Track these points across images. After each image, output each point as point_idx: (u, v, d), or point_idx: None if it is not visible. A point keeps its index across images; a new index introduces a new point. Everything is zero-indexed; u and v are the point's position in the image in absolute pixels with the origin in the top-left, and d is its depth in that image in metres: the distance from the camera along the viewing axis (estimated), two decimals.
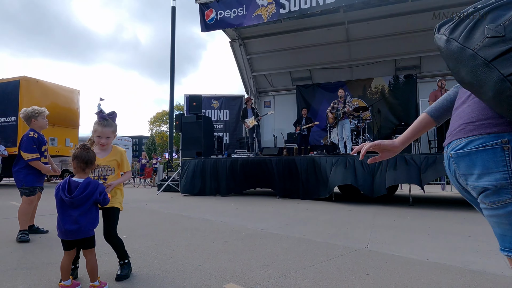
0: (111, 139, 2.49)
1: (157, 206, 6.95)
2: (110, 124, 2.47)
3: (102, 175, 2.45)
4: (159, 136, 56.05)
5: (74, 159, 2.11)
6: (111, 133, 2.46)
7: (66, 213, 2.05)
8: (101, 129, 2.41)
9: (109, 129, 2.44)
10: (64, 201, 2.04)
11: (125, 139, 20.32)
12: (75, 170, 2.13)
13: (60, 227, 2.06)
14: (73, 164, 2.13)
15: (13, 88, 12.64)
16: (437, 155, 6.85)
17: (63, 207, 2.06)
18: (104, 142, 2.44)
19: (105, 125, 2.43)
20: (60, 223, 2.06)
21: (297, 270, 2.59)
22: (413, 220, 5.15)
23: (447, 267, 2.69)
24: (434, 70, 11.84)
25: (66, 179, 2.10)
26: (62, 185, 2.06)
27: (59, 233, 2.09)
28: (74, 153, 2.12)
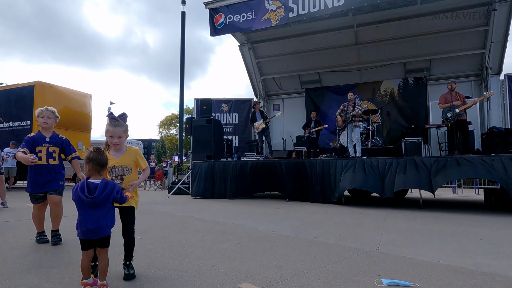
0: (123, 138, 2.55)
1: (169, 208, 7.06)
2: (121, 124, 2.54)
3: (119, 175, 2.53)
4: (169, 139, 56.52)
5: (89, 162, 2.18)
6: (122, 132, 2.52)
7: (88, 214, 2.12)
8: (112, 129, 2.48)
9: (120, 129, 2.51)
10: (84, 202, 2.11)
11: (135, 142, 20.58)
12: (90, 173, 2.19)
13: (81, 227, 2.13)
14: (87, 167, 2.19)
15: (28, 92, 12.97)
16: (447, 158, 6.83)
17: (83, 208, 2.13)
18: (116, 142, 2.50)
19: (116, 125, 2.50)
20: (81, 223, 2.13)
21: (309, 270, 2.65)
22: (424, 223, 5.15)
23: (458, 269, 2.71)
24: (444, 72, 11.80)
25: (83, 181, 2.16)
26: (80, 186, 2.13)
27: (80, 233, 2.15)
28: (88, 156, 2.19)
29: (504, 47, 10.57)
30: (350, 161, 7.69)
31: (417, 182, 6.84)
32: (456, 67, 11.55)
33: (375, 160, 7.45)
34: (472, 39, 10.91)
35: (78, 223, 2.15)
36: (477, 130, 10.53)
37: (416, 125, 11.23)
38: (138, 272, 2.59)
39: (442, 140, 9.93)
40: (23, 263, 2.80)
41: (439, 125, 9.53)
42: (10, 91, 13.63)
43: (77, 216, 2.15)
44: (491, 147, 8.64)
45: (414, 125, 11.30)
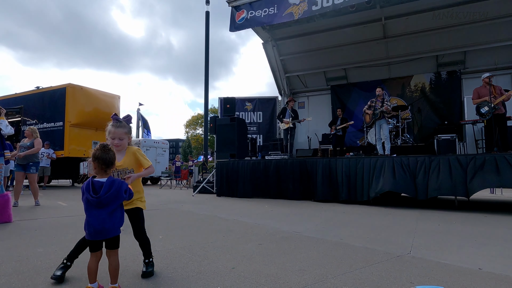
0: (124, 141, 2.50)
1: (192, 207, 7.05)
2: (124, 125, 2.50)
3: (122, 177, 2.42)
4: (195, 139, 57.39)
5: (95, 160, 2.10)
6: (124, 134, 2.48)
7: (93, 214, 2.04)
8: (114, 130, 2.45)
9: (122, 130, 2.47)
10: (90, 201, 2.03)
11: (162, 142, 20.94)
12: (96, 171, 2.11)
13: (89, 228, 2.05)
14: (94, 165, 2.11)
15: (60, 95, 13.48)
16: (485, 156, 6.35)
17: (90, 208, 2.05)
18: (117, 143, 2.45)
19: (117, 126, 2.46)
20: (89, 224, 2.05)
21: (334, 276, 2.47)
22: (460, 225, 4.80)
23: (503, 277, 2.44)
24: (480, 65, 11.12)
25: (88, 180, 2.08)
26: (85, 186, 2.06)
27: (87, 234, 2.07)
28: (94, 154, 2.10)
29: None
30: (379, 160, 7.36)
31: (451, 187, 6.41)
32: (493, 59, 10.84)
33: (405, 158, 7.08)
34: (510, 28, 10.17)
35: (85, 223, 2.08)
36: None
37: (450, 122, 10.65)
38: (157, 272, 2.52)
39: (478, 137, 9.34)
40: (45, 261, 2.81)
41: (475, 121, 8.96)
42: (43, 94, 14.22)
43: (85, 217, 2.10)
44: None
45: (448, 121, 10.71)
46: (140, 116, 28.27)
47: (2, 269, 2.58)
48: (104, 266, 2.21)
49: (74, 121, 13.20)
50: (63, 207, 6.88)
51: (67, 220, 5.11)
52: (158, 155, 19.58)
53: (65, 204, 7.42)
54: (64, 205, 7.14)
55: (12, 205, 5.08)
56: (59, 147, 13.13)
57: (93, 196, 2.02)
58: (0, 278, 2.36)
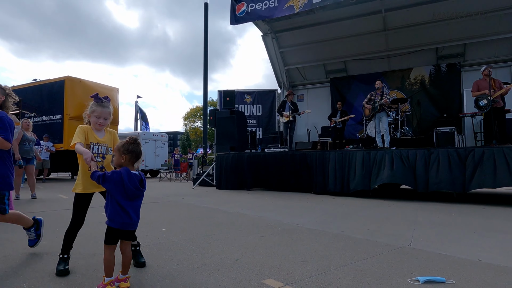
0: (108, 121, 2.52)
1: (193, 200, 7.09)
2: (108, 105, 2.52)
3: (102, 153, 2.48)
4: (193, 131, 57.30)
5: (128, 153, 2.11)
6: (108, 114, 2.51)
7: (132, 205, 2.09)
8: (101, 110, 2.46)
9: (107, 110, 2.49)
10: (132, 194, 2.06)
11: (161, 134, 20.91)
12: (126, 163, 2.11)
13: (124, 218, 2.05)
14: (124, 158, 2.11)
15: (58, 87, 13.42)
16: (484, 149, 6.39)
17: (127, 199, 2.06)
18: (102, 122, 2.47)
19: (104, 106, 2.48)
20: (126, 214, 2.05)
21: (337, 267, 2.52)
22: (458, 217, 4.86)
23: (501, 268, 2.49)
24: (480, 57, 11.10)
25: (126, 170, 2.07)
26: (127, 176, 2.04)
27: (119, 223, 2.05)
28: (128, 148, 2.11)
29: None
30: (379, 152, 7.39)
31: (451, 181, 6.46)
32: (493, 52, 10.83)
33: (405, 151, 7.12)
34: (510, 20, 10.14)
35: (116, 214, 2.05)
36: None
37: (449, 114, 10.67)
38: (162, 264, 2.56)
39: (477, 129, 9.37)
40: (52, 253, 2.84)
41: (474, 114, 8.98)
42: (42, 86, 14.15)
43: (111, 206, 2.07)
44: None
45: (447, 114, 10.74)
46: (138, 108, 28.20)
47: (8, 261, 2.62)
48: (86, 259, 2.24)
49: (73, 114, 13.15)
50: (64, 200, 6.90)
51: (69, 212, 5.13)
52: (157, 148, 19.58)
53: (66, 197, 7.45)
54: (65, 198, 7.16)
55: (13, 198, 5.11)
56: (58, 140, 13.11)
57: (140, 189, 2.09)
58: (7, 270, 2.39)
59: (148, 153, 18.65)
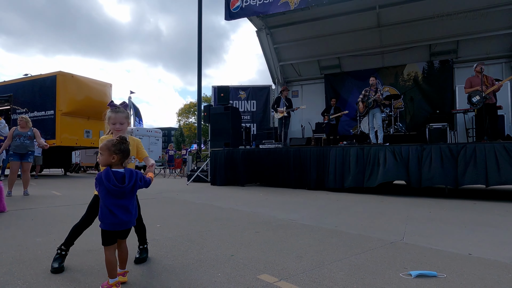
0: (125, 125, 2.58)
1: (188, 196, 7.09)
2: (122, 110, 2.57)
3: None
4: (187, 127, 57.08)
5: (120, 152, 2.08)
6: (124, 118, 2.56)
7: (118, 204, 2.03)
8: (115, 115, 2.53)
9: (122, 115, 2.55)
10: (112, 192, 2.02)
11: (155, 130, 20.82)
12: (116, 163, 2.09)
13: (112, 218, 2.01)
14: (115, 158, 2.08)
15: (50, 83, 13.26)
16: (475, 145, 6.48)
17: (111, 198, 2.03)
18: (119, 128, 2.53)
19: (117, 111, 2.54)
20: (112, 214, 2.01)
21: (331, 262, 2.55)
22: (450, 212, 4.93)
23: (491, 262, 2.55)
24: (472, 54, 11.22)
25: (106, 169, 2.05)
26: (105, 175, 2.02)
27: (109, 225, 2.02)
28: (119, 147, 2.09)
29: None
30: (372, 148, 7.45)
31: (443, 177, 6.55)
32: (485, 48, 10.94)
33: (398, 147, 7.18)
34: (503, 17, 10.24)
35: (105, 214, 2.02)
36: (507, 115, 10.01)
37: (442, 111, 10.78)
38: (157, 260, 2.56)
39: (469, 125, 9.49)
40: (45, 250, 2.83)
41: (466, 110, 9.09)
42: (33, 82, 13.97)
43: (100, 208, 2.04)
44: None
45: (440, 110, 10.85)
46: (131, 104, 27.96)
47: (2, 258, 2.60)
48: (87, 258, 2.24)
49: (66, 110, 13.03)
50: (57, 196, 6.86)
51: (63, 209, 5.12)
52: (151, 144, 19.51)
53: (59, 193, 7.40)
54: (58, 195, 7.12)
55: (5, 194, 5.06)
56: (50, 136, 12.98)
57: (118, 186, 2.01)
58: (1, 267, 2.38)
59: None
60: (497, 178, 6.11)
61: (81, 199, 6.01)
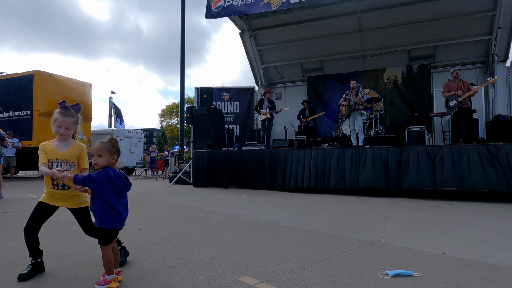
0: (71, 130, 2.39)
1: (169, 198, 7.01)
2: (72, 114, 2.38)
3: (62, 169, 2.30)
4: (170, 129, 56.42)
5: (117, 152, 2.16)
6: (71, 123, 2.37)
7: (121, 203, 2.15)
8: (62, 118, 2.33)
9: (70, 119, 2.36)
10: (121, 191, 2.12)
11: (137, 132, 20.47)
12: (114, 163, 2.17)
13: (118, 216, 2.11)
14: (115, 158, 2.15)
15: (27, 82, 12.85)
16: (451, 148, 6.69)
17: (116, 197, 2.11)
18: (63, 132, 2.34)
19: (66, 115, 2.35)
20: (118, 213, 2.11)
21: (311, 263, 2.58)
22: (427, 213, 5.08)
23: (464, 261, 2.64)
24: (449, 59, 11.59)
25: (112, 170, 2.12)
26: (115, 175, 2.09)
27: (115, 223, 2.10)
28: (118, 148, 2.18)
29: (511, 32, 10.32)
30: (353, 150, 7.58)
31: (420, 180, 6.74)
32: (461, 54, 11.32)
33: (378, 149, 7.34)
34: (478, 24, 10.64)
35: (107, 214, 2.07)
36: (482, 119, 10.39)
37: (420, 114, 11.09)
38: (137, 264, 2.53)
39: (446, 128, 9.80)
40: (20, 255, 2.74)
41: (443, 113, 9.39)
42: (9, 81, 13.50)
43: (100, 208, 2.08)
44: (496, 135, 8.52)
45: (418, 113, 11.15)
46: (112, 104, 27.44)
47: None
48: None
49: (43, 110, 12.64)
50: (34, 199, 6.65)
51: None
52: (133, 145, 19.17)
53: (35, 196, 7.17)
54: (35, 197, 6.90)
55: None
56: (26, 137, 12.57)
57: (128, 185, 2.15)
58: None
59: (123, 150, 18.14)
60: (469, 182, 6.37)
61: None
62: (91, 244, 3.07)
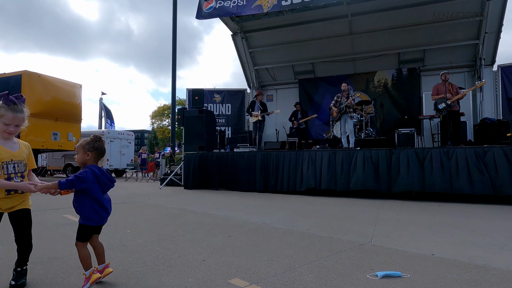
0: (19, 127, 2.09)
1: (160, 200, 6.97)
2: (22, 109, 2.07)
3: (20, 171, 2.10)
4: (161, 130, 56.05)
5: (95, 150, 2.15)
6: (22, 120, 2.07)
7: (106, 199, 2.18)
8: (13, 115, 2.00)
9: (21, 115, 2.05)
10: (106, 187, 2.16)
11: (127, 133, 20.28)
12: (90, 161, 2.15)
13: (103, 212, 2.15)
14: (91, 155, 2.14)
15: (15, 82, 12.63)
16: (440, 150, 6.80)
17: (102, 194, 2.15)
18: (12, 131, 2.03)
19: (16, 110, 2.02)
20: (104, 209, 2.15)
21: (301, 265, 2.59)
22: (416, 214, 5.14)
23: (452, 262, 2.68)
24: (437, 63, 11.75)
25: (96, 167, 2.14)
26: (99, 171, 2.12)
27: (100, 220, 2.15)
28: (94, 145, 2.15)
29: (498, 37, 10.54)
30: (344, 152, 7.64)
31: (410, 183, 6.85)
32: (449, 58, 11.50)
33: (368, 151, 7.41)
34: (466, 29, 10.84)
35: (94, 212, 2.10)
36: (469, 121, 10.56)
37: (410, 116, 11.23)
38: (126, 267, 2.51)
39: (435, 131, 9.94)
40: (6, 258, 2.69)
41: (432, 116, 9.52)
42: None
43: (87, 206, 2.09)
44: (484, 138, 8.67)
45: (408, 116, 11.29)
46: (103, 105, 27.16)
47: None
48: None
49: (32, 111, 11.98)
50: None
51: None
52: (123, 146, 18.99)
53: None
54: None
55: None
56: None
57: (113, 181, 2.18)
58: None
59: (114, 152, 18.02)
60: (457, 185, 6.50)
61: (47, 204, 5.76)
62: None
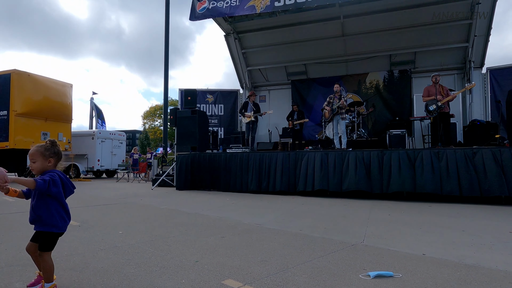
0: None
1: (152, 201, 6.92)
2: None
3: None
4: (153, 131, 55.67)
5: (55, 155, 2.08)
6: None
7: (67, 204, 2.11)
8: None
9: None
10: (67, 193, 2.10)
11: (119, 133, 20.07)
12: (52, 166, 2.07)
13: (68, 219, 2.10)
14: (52, 161, 2.06)
15: (3, 81, 12.44)
16: (430, 151, 6.88)
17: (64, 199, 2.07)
18: None
19: None
20: (68, 215, 2.10)
21: (294, 265, 2.60)
22: (408, 214, 5.20)
23: (442, 261, 2.72)
24: (428, 65, 11.92)
25: (60, 173, 2.06)
26: (65, 178, 2.07)
27: (64, 226, 2.07)
28: (55, 151, 2.07)
29: (487, 40, 10.73)
30: (337, 153, 7.68)
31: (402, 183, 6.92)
32: (440, 60, 11.67)
33: (360, 152, 7.47)
34: (456, 32, 11.01)
35: (60, 218, 2.03)
36: (459, 123, 10.72)
37: (401, 118, 11.35)
38: (119, 268, 2.48)
39: (425, 132, 10.06)
40: None
41: (423, 118, 9.64)
42: None
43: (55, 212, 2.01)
44: (473, 139, 8.81)
45: (399, 117, 11.40)
46: (93, 105, 26.85)
47: None
48: None
49: (21, 110, 12.27)
50: (10, 202, 6.44)
51: (17, 216, 4.82)
52: (115, 147, 18.78)
53: (12, 199, 6.94)
54: (11, 200, 6.68)
55: None
56: (3, 138, 12.16)
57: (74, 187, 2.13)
58: None
59: (104, 152, 17.82)
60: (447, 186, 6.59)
61: None
62: (70, 249, 3.00)
